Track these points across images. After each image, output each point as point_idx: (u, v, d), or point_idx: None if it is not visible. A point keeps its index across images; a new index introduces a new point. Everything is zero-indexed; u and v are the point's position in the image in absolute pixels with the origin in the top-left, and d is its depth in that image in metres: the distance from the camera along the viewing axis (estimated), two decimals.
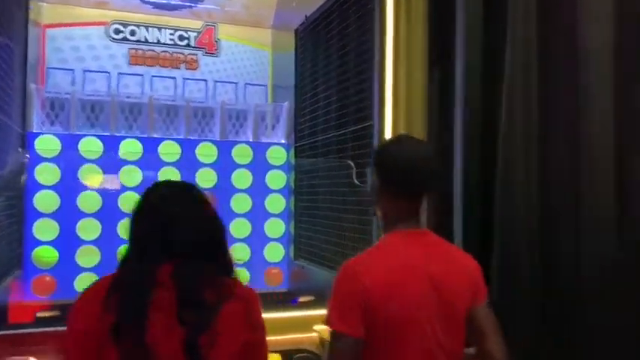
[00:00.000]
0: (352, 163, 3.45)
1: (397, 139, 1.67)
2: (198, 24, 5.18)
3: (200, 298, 1.36)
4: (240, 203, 4.73)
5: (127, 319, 1.32)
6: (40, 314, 3.23)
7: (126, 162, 4.51)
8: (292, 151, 4.82)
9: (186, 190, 1.51)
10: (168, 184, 1.56)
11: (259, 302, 1.48)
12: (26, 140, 4.20)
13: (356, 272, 1.42)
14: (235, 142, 4.79)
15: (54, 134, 4.34)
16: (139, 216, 1.45)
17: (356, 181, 3.34)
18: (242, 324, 1.39)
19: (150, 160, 4.57)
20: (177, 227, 1.41)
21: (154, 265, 1.38)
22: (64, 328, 1.37)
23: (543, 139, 2.19)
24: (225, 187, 4.70)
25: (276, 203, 4.80)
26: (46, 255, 4.26)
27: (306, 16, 4.61)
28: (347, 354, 1.39)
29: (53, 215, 4.30)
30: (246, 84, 5.31)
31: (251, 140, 4.86)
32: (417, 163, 1.49)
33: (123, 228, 4.46)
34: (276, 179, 4.82)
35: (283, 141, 4.92)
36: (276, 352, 2.82)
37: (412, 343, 1.43)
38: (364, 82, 3.44)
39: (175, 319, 1.33)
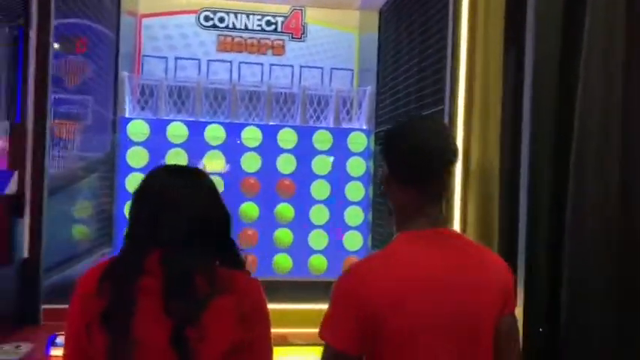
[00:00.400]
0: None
1: (407, 121, 1.47)
2: (285, 8, 5.16)
3: (188, 287, 1.30)
4: (320, 190, 4.67)
5: (115, 306, 1.30)
6: None
7: (210, 147, 4.64)
8: (372, 137, 4.66)
9: (186, 176, 1.45)
10: (168, 168, 1.51)
11: (263, 296, 1.40)
12: (119, 125, 4.47)
13: (358, 281, 1.28)
14: (316, 128, 4.72)
15: (144, 119, 4.56)
16: (133, 200, 1.42)
17: None
18: (233, 320, 1.32)
19: (232, 145, 4.66)
20: (168, 213, 1.35)
21: (143, 252, 1.34)
22: None
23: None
24: (305, 174, 4.67)
25: (355, 191, 4.67)
26: None
27: None
28: None
29: None
30: (332, 68, 5.21)
31: (332, 126, 4.77)
32: (427, 142, 1.30)
33: None
34: (356, 166, 4.69)
35: (364, 127, 4.77)
36: None
37: (439, 354, 1.26)
38: (440, 66, 3.21)
39: (163, 310, 1.29)
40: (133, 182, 4.51)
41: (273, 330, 1.42)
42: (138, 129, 4.53)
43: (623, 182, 1.96)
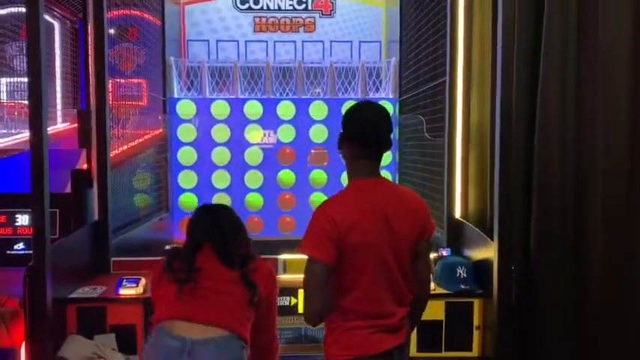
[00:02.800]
0: (422, 118, 3.57)
1: (359, 103, 1.91)
2: None
3: (238, 240, 2.06)
4: None
5: (183, 268, 1.98)
6: (167, 247, 4.02)
7: (249, 121, 5.12)
8: (398, 106, 4.99)
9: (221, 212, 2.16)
10: (205, 208, 2.20)
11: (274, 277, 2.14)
12: (168, 105, 5.01)
13: (327, 212, 1.75)
14: (344, 100, 5.10)
15: (190, 99, 5.09)
16: (189, 226, 2.13)
17: (426, 135, 3.47)
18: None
19: (270, 119, 5.13)
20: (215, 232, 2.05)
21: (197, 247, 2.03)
22: None
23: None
24: (336, 142, 5.06)
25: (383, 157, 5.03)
26: (188, 200, 5.11)
27: None
28: (319, 276, 1.70)
29: (192, 167, 5.11)
30: (361, 41, 5.54)
31: (359, 97, 5.13)
32: (377, 129, 1.79)
33: (249, 178, 5.14)
34: None
35: (391, 96, 5.11)
36: None
37: (370, 263, 1.75)
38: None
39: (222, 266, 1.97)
40: (183, 155, 5.08)
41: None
42: (185, 108, 5.07)
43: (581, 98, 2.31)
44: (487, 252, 2.63)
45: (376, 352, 1.77)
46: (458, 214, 3.26)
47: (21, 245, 3.45)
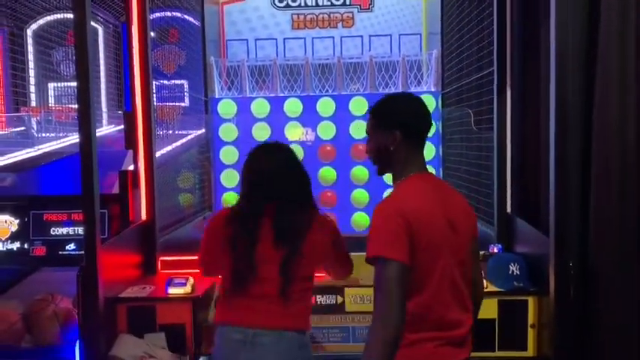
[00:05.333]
0: (469, 111, 3.47)
1: (406, 95, 1.88)
2: None
3: (292, 231, 1.96)
4: None
5: (240, 234, 1.96)
6: None
7: (289, 119, 5.11)
8: (440, 99, 4.89)
9: (276, 153, 2.08)
10: (263, 149, 2.11)
11: (335, 223, 2.16)
12: (210, 105, 5.05)
13: (397, 208, 1.62)
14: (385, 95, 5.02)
15: (231, 98, 5.12)
16: (244, 172, 2.09)
17: (474, 128, 3.37)
18: (323, 246, 2.04)
19: (309, 116, 5.10)
20: (273, 185, 2.00)
21: (261, 203, 1.98)
22: None
23: None
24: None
25: (426, 150, 4.92)
26: (231, 199, 5.13)
27: None
28: (401, 279, 1.52)
29: (235, 166, 5.14)
30: (400, 34, 5.44)
31: (400, 90, 5.04)
32: (428, 117, 1.77)
33: None
34: None
35: (433, 89, 5.00)
36: None
37: (438, 263, 1.65)
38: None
39: (275, 244, 1.94)
40: (225, 154, 5.11)
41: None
42: (226, 107, 5.09)
43: None
44: (541, 248, 2.52)
45: None
46: (509, 208, 3.15)
47: (72, 246, 3.54)
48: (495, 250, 2.99)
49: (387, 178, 4.74)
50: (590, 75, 2.35)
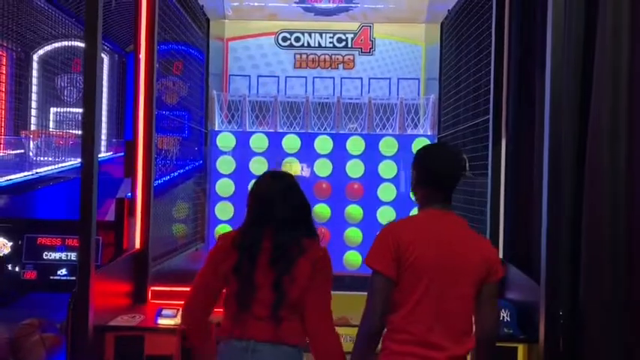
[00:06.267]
0: (465, 156, 3.53)
1: (436, 146, 2.05)
2: (354, 26, 5.60)
3: (285, 253, 2.04)
4: (387, 192, 5.06)
5: (244, 261, 2.04)
6: None
7: (287, 154, 5.18)
8: None
9: (281, 179, 2.19)
10: (270, 174, 2.23)
11: (329, 257, 2.13)
12: (209, 137, 5.12)
13: (392, 230, 1.92)
14: (382, 136, 5.11)
15: (230, 132, 5.19)
16: (250, 195, 2.16)
17: (468, 173, 3.43)
18: (310, 271, 2.04)
19: (307, 152, 5.17)
20: (274, 206, 2.08)
21: (262, 228, 2.06)
22: None
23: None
24: (373, 177, 5.08)
25: None
26: (224, 231, 5.14)
27: (448, 10, 4.70)
28: (381, 287, 1.84)
29: (230, 199, 5.16)
30: (399, 78, 5.58)
31: (397, 133, 5.14)
32: (446, 170, 1.94)
33: None
34: None
35: (429, 132, 5.10)
36: None
37: (422, 282, 1.84)
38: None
39: (270, 266, 2.03)
40: (221, 187, 5.15)
41: (339, 315, 2.26)
42: (226, 140, 5.16)
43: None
44: (532, 295, 2.55)
45: None
46: (501, 254, 3.19)
47: (64, 271, 3.52)
48: None
49: (382, 218, 4.76)
50: (583, 125, 2.42)
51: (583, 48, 2.43)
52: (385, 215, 5.03)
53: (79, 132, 2.91)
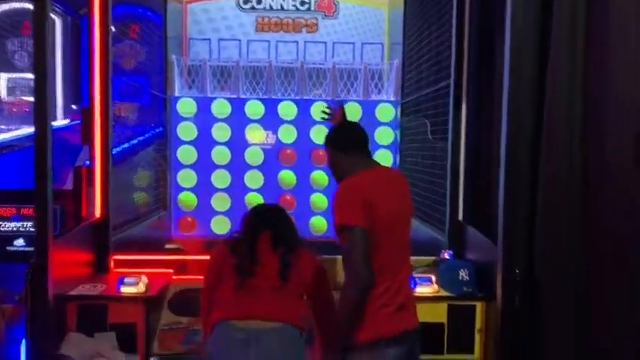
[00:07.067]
0: (426, 121, 3.58)
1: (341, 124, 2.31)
2: None
3: (289, 238, 2.17)
4: None
5: (244, 241, 2.15)
6: (166, 245, 4.02)
7: (250, 120, 5.11)
8: (399, 108, 4.99)
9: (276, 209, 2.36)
10: (264, 205, 2.46)
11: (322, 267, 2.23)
12: (169, 103, 5.00)
13: (356, 187, 1.92)
14: (346, 101, 5.08)
15: (191, 97, 5.08)
16: (250, 214, 2.27)
17: (430, 137, 3.47)
18: (311, 261, 2.18)
19: (271, 119, 5.12)
20: (271, 217, 2.24)
21: (257, 235, 2.18)
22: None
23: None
24: None
25: (384, 158, 5.03)
26: (187, 199, 5.10)
27: None
28: (363, 240, 1.83)
29: (192, 166, 5.09)
30: (363, 43, 5.54)
31: (361, 98, 5.13)
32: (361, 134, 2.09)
33: (250, 178, 5.12)
34: (385, 135, 5.04)
35: (392, 98, 5.11)
36: None
37: (393, 236, 1.93)
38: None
39: (272, 249, 2.11)
40: (183, 154, 5.06)
41: None
42: (186, 106, 5.05)
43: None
44: (490, 255, 2.63)
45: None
46: (460, 216, 3.26)
47: (21, 241, 3.43)
48: (446, 256, 3.08)
49: None
50: (541, 90, 2.47)
51: (541, 10, 2.44)
52: None
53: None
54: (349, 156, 2.03)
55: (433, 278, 2.84)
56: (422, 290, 2.77)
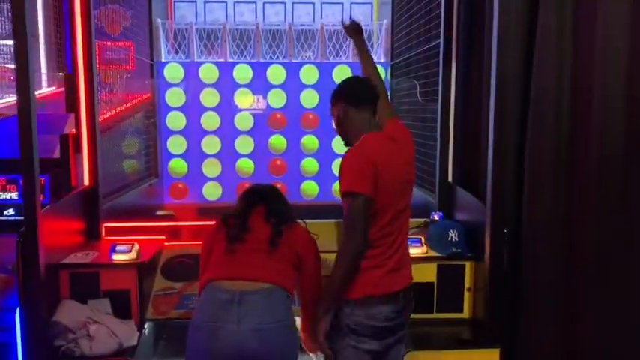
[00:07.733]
0: (416, 82, 3.54)
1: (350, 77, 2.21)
2: None
3: (282, 213, 2.17)
4: None
5: (235, 212, 2.16)
6: (158, 212, 4.02)
7: (239, 85, 5.05)
8: (390, 70, 4.94)
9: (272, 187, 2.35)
10: (259, 185, 2.36)
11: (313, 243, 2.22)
12: (156, 69, 4.91)
13: (365, 153, 1.92)
14: (335, 64, 5.03)
15: (178, 62, 5.00)
16: (243, 196, 2.26)
17: (420, 99, 3.45)
18: (303, 234, 2.20)
19: (260, 83, 5.06)
20: (266, 194, 2.24)
21: (251, 208, 2.18)
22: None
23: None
24: (327, 107, 5.03)
25: None
26: (178, 166, 5.08)
27: None
28: (366, 208, 1.88)
29: (182, 132, 5.06)
30: (352, 3, 5.45)
31: (350, 60, 5.06)
32: (374, 88, 2.03)
33: (240, 144, 5.10)
34: None
35: (382, 59, 5.05)
36: None
37: (394, 203, 1.96)
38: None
39: (265, 221, 2.12)
40: (172, 120, 5.02)
41: None
42: (173, 72, 4.97)
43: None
44: (479, 215, 2.65)
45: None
46: (450, 178, 3.27)
47: (11, 211, 3.41)
48: (436, 218, 3.10)
49: (337, 148, 4.81)
50: (529, 48, 2.44)
51: None
52: (340, 145, 5.02)
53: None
54: (361, 112, 2.01)
55: (422, 239, 2.87)
56: (412, 251, 2.76)
